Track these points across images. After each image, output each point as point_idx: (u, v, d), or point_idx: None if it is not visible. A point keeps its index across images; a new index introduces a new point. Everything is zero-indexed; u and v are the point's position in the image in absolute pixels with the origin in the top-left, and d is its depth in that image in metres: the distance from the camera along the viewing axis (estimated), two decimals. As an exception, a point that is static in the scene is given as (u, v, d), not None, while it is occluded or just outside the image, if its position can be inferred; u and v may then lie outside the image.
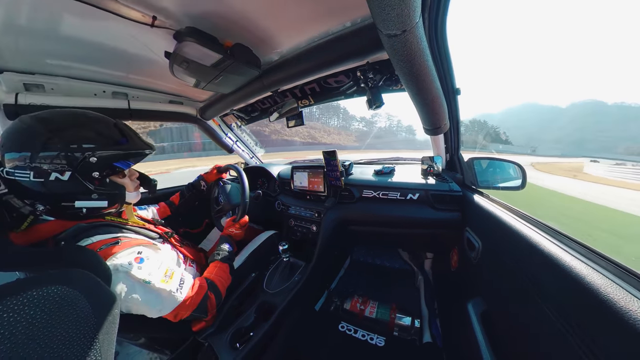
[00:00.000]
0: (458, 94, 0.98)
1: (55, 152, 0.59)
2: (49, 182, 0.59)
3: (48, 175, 0.59)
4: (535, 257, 0.55)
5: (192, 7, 0.71)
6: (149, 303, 0.65)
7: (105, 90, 1.17)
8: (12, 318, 0.35)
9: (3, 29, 0.72)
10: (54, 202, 0.63)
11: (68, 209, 0.65)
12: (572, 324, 0.42)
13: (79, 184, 0.63)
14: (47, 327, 0.38)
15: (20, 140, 0.59)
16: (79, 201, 0.65)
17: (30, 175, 0.57)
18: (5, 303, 0.36)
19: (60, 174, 0.60)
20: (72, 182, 0.62)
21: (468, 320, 0.73)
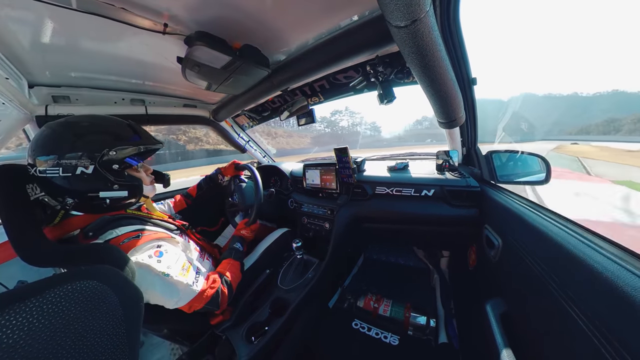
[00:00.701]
0: (474, 84, 0.92)
1: (79, 151, 0.66)
2: (76, 176, 0.66)
3: (75, 170, 0.66)
4: (563, 258, 0.51)
5: (200, 12, 0.73)
6: (167, 294, 0.70)
7: (124, 97, 1.24)
8: (50, 310, 0.39)
9: (31, 47, 0.79)
10: (81, 195, 0.70)
11: (94, 200, 0.72)
12: (603, 332, 0.38)
13: (102, 176, 0.70)
14: (81, 318, 0.41)
15: (49, 143, 0.66)
16: (103, 192, 0.72)
17: (60, 170, 0.65)
18: (45, 296, 0.40)
19: (85, 168, 0.67)
20: (96, 174, 0.69)
21: (487, 321, 0.70)
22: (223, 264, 0.97)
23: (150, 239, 0.73)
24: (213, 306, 0.80)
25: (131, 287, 0.54)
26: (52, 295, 0.41)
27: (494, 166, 1.04)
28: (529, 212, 0.72)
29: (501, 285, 0.77)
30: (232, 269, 0.94)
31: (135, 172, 0.84)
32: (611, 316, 0.38)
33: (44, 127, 0.68)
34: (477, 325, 0.84)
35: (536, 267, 0.59)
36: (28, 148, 0.68)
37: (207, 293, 0.77)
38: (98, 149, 0.69)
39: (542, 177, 0.88)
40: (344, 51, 0.89)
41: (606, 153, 34.04)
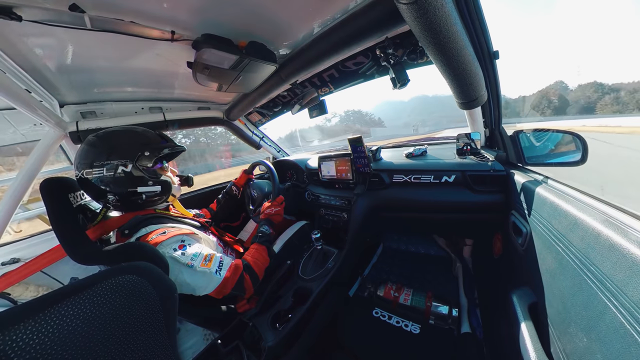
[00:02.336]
0: (496, 58, 0.84)
1: (119, 153, 0.79)
2: (117, 174, 0.78)
3: (117, 169, 0.78)
4: (601, 247, 0.47)
5: (204, 15, 0.74)
6: (194, 283, 0.77)
7: (143, 107, 1.34)
8: (99, 301, 0.45)
9: (58, 70, 0.88)
10: (121, 191, 0.80)
11: (132, 195, 0.83)
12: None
13: (139, 173, 0.82)
14: (126, 307, 0.47)
15: (93, 152, 0.78)
16: (140, 187, 0.83)
17: (104, 170, 0.77)
18: (94, 289, 0.45)
19: (125, 167, 0.79)
20: (134, 172, 0.81)
21: (513, 312, 0.67)
22: (250, 249, 1.02)
23: (175, 234, 0.81)
24: (239, 292, 0.86)
25: (166, 279, 0.59)
26: (100, 288, 0.46)
27: (521, 147, 0.95)
28: (561, 195, 0.66)
29: (529, 275, 0.73)
30: (256, 254, 0.99)
31: (164, 172, 0.95)
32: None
33: (88, 139, 0.80)
34: (502, 316, 0.81)
35: (569, 257, 0.54)
36: (74, 159, 0.79)
37: (231, 280, 0.83)
38: (135, 151, 0.81)
39: (577, 157, 0.78)
40: (351, 36, 0.85)
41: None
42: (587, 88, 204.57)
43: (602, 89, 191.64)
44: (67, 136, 1.11)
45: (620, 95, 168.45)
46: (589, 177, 0.80)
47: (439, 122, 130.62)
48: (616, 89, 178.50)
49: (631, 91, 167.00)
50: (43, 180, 0.75)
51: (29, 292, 1.17)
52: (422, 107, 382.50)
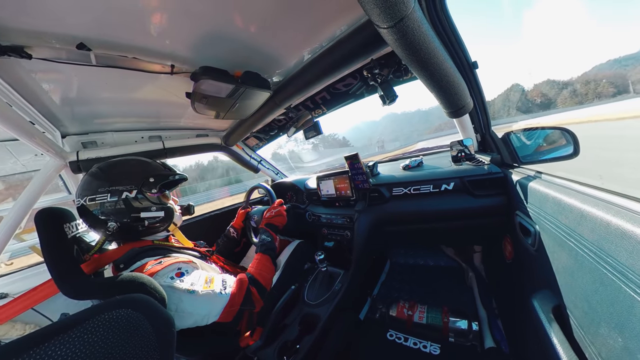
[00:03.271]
0: (476, 68, 0.90)
1: (125, 180, 0.80)
2: (121, 199, 0.79)
3: (121, 194, 0.79)
4: (614, 236, 0.45)
5: (201, 50, 0.80)
6: (197, 310, 0.71)
7: (143, 136, 1.37)
8: (90, 339, 0.41)
9: (62, 103, 0.91)
10: (124, 217, 0.80)
11: (135, 221, 0.82)
12: None
13: (143, 199, 0.83)
14: (119, 345, 0.43)
15: (95, 183, 0.78)
16: (144, 212, 0.83)
17: (108, 196, 0.77)
18: (85, 326, 0.42)
19: (129, 193, 0.80)
20: (137, 198, 0.82)
21: (536, 318, 0.63)
22: (253, 260, 0.98)
23: (171, 263, 0.77)
24: (249, 306, 0.81)
25: (163, 313, 0.55)
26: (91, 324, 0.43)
27: (514, 148, 0.97)
28: (562, 190, 0.66)
29: (546, 276, 0.69)
30: (260, 264, 0.94)
31: (167, 199, 0.94)
32: None
33: (92, 170, 0.82)
34: (526, 325, 0.76)
35: (584, 252, 0.53)
36: (77, 188, 0.80)
37: (238, 296, 0.79)
38: (139, 178, 0.83)
39: (569, 150, 0.81)
40: (339, 60, 0.92)
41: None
42: (543, 86, 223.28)
43: (557, 85, 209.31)
44: (67, 166, 1.12)
45: (577, 88, 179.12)
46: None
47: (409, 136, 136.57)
48: (570, 83, 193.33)
49: (585, 82, 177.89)
50: (39, 210, 0.73)
51: (15, 331, 1.08)
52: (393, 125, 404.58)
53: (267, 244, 1.03)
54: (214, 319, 0.73)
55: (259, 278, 0.89)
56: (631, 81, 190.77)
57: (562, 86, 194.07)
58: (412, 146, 40.22)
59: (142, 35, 0.67)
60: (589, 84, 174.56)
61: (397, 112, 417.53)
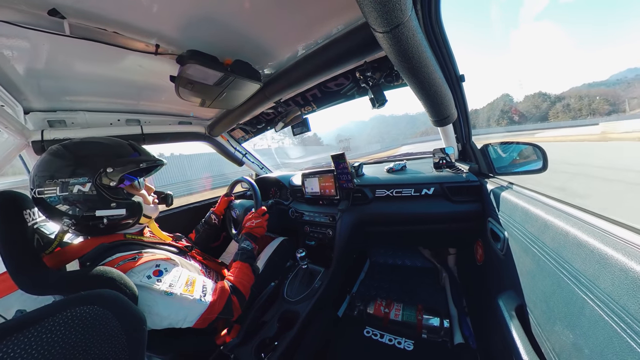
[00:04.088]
0: (462, 81, 0.95)
1: (77, 170, 0.67)
2: (73, 194, 0.66)
3: (72, 188, 0.66)
4: (570, 245, 0.50)
5: (190, 32, 0.75)
6: (172, 314, 0.67)
7: (119, 118, 1.25)
8: (49, 338, 0.38)
9: (27, 74, 0.80)
10: (77, 215, 0.68)
11: (90, 220, 0.70)
12: (621, 316, 0.37)
13: (99, 194, 0.69)
14: (82, 345, 0.40)
15: (49, 166, 0.66)
16: (100, 210, 0.70)
17: (57, 190, 0.65)
18: (43, 324, 0.38)
19: (82, 186, 0.67)
20: (92, 192, 0.68)
21: (501, 316, 0.68)
22: (232, 268, 0.94)
23: (148, 260, 0.71)
24: (227, 315, 0.78)
25: (133, 310, 0.52)
26: (52, 322, 0.39)
27: (491, 159, 1.05)
28: (530, 201, 0.71)
29: (512, 279, 0.76)
30: (240, 273, 0.91)
31: (135, 190, 0.82)
32: (629, 299, 0.37)
33: (47, 151, 0.69)
34: (492, 322, 0.82)
35: (545, 257, 0.58)
36: (31, 173, 0.68)
37: (218, 304, 0.75)
38: (95, 167, 0.69)
39: (539, 165, 0.89)
40: (333, 59, 0.92)
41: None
42: (534, 98, 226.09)
43: (548, 98, 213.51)
44: (29, 146, 0.99)
45: (570, 102, 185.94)
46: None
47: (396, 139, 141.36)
48: (562, 97, 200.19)
49: (578, 98, 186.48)
50: None
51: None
52: (381, 126, 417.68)
53: (248, 252, 1.01)
54: (189, 325, 0.70)
55: (240, 287, 0.86)
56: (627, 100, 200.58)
57: (555, 99, 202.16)
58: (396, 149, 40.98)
59: (126, 8, 0.61)
60: (583, 100, 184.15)
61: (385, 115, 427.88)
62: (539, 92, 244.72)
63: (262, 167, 2.20)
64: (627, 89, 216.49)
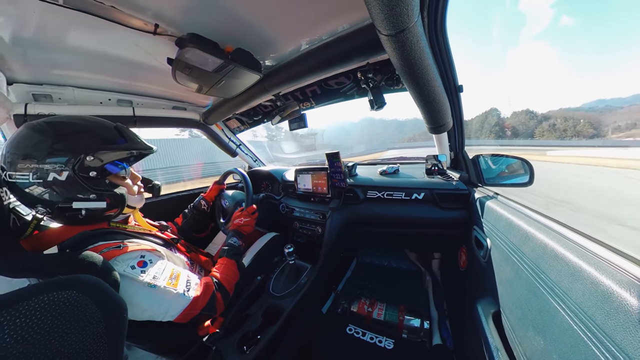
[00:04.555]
0: (461, 92, 0.97)
1: (55, 157, 0.60)
2: (47, 182, 0.60)
3: (47, 176, 0.59)
4: (548, 256, 0.53)
5: (193, 14, 0.72)
6: (155, 307, 0.65)
7: (110, 98, 1.19)
8: (24, 323, 0.36)
9: (12, 42, 0.74)
10: (52, 204, 0.62)
11: (67, 211, 0.64)
12: (589, 326, 0.40)
13: (77, 184, 0.63)
14: (58, 332, 0.39)
15: (22, 146, 0.60)
16: (77, 202, 0.64)
17: (30, 176, 0.59)
18: (18, 308, 0.37)
19: (58, 174, 0.60)
20: (70, 182, 0.62)
21: (478, 321, 0.71)
22: (218, 264, 0.92)
23: (134, 250, 0.68)
24: (210, 311, 0.76)
25: (114, 297, 0.51)
26: (26, 307, 0.38)
27: (481, 169, 1.08)
28: (515, 212, 0.74)
29: (491, 285, 0.79)
30: (226, 269, 0.90)
31: (119, 179, 0.75)
32: (596, 310, 0.40)
33: (21, 128, 0.62)
34: (469, 326, 0.85)
35: (524, 267, 0.61)
36: (3, 149, 0.62)
37: (201, 300, 0.73)
38: (74, 153, 0.62)
39: (525, 179, 0.92)
40: (336, 57, 0.91)
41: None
42: (521, 115, 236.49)
43: (535, 117, 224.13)
44: (10, 119, 0.93)
45: (556, 122, 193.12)
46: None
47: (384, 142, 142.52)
48: (547, 117, 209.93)
49: (564, 119, 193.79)
50: None
51: None
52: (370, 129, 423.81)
53: (235, 249, 0.99)
54: (170, 319, 0.68)
55: (225, 284, 0.84)
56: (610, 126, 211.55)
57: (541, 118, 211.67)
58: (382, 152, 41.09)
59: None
60: (568, 121, 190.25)
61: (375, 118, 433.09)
62: (527, 109, 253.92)
63: (256, 159, 2.17)
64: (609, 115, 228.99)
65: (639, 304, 0.33)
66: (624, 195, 11.14)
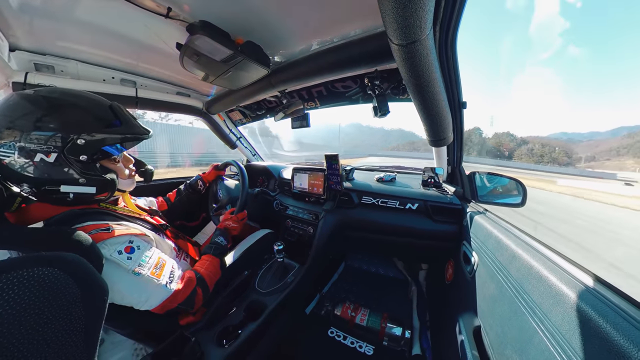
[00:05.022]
0: (464, 108, 0.98)
1: (42, 131, 0.56)
2: (33, 163, 0.56)
3: (33, 156, 0.56)
4: (532, 278, 0.54)
5: (207, 2, 0.72)
6: (136, 294, 0.64)
7: (114, 76, 1.18)
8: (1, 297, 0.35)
9: (19, 7, 0.73)
10: (38, 185, 0.59)
11: (53, 194, 0.61)
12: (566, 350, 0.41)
13: (66, 167, 0.60)
14: (34, 308, 0.38)
15: (10, 116, 0.56)
16: (65, 185, 0.61)
17: (15, 154, 0.55)
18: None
19: (46, 155, 0.57)
20: (58, 164, 0.59)
21: (459, 334, 0.72)
22: (202, 260, 0.92)
23: (122, 233, 0.67)
24: (187, 306, 0.76)
25: (96, 279, 0.50)
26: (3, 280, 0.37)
27: (476, 186, 1.09)
28: (504, 231, 0.76)
29: (474, 301, 0.80)
30: (210, 266, 0.89)
31: (111, 163, 0.73)
32: (573, 334, 0.41)
33: (11, 95, 0.59)
34: (450, 338, 0.86)
35: (508, 286, 0.62)
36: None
37: (181, 294, 0.72)
38: (64, 131, 0.58)
39: (518, 200, 0.94)
40: (345, 61, 0.92)
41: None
42: (502, 136, 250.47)
43: (515, 139, 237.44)
44: (8, 86, 0.91)
45: (535, 147, 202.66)
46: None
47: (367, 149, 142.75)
48: (526, 141, 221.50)
49: (542, 145, 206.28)
50: None
51: None
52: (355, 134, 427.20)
53: (221, 248, 0.99)
54: (148, 308, 0.67)
55: (207, 280, 0.84)
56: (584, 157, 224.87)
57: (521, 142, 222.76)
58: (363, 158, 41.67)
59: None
60: (545, 147, 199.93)
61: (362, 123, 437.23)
62: (507, 132, 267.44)
63: (255, 154, 2.17)
64: (573, 146, 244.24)
65: (616, 334, 0.34)
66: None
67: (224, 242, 1.02)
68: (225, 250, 1.01)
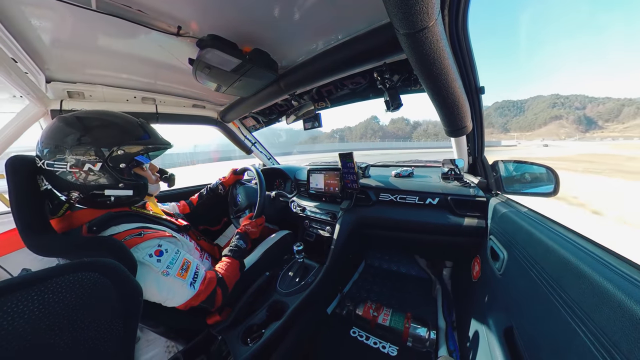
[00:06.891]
0: (482, 93, 0.92)
1: (88, 146, 0.67)
2: (83, 172, 0.68)
3: (82, 166, 0.67)
4: (570, 274, 0.49)
5: (213, 16, 0.75)
6: (164, 293, 0.71)
7: (135, 96, 1.29)
8: (51, 299, 0.40)
9: (51, 44, 0.82)
10: (86, 191, 0.71)
11: (98, 197, 0.73)
12: (612, 353, 0.37)
13: (108, 174, 0.72)
14: (80, 308, 0.42)
15: (58, 137, 0.67)
16: (109, 190, 0.73)
17: (67, 166, 0.66)
18: (47, 285, 0.40)
19: (93, 165, 0.68)
20: (103, 172, 0.71)
21: (488, 335, 0.67)
22: (222, 261, 0.97)
23: (152, 237, 0.75)
24: (208, 305, 0.82)
25: (131, 282, 0.54)
26: (54, 284, 0.41)
27: (501, 176, 1.02)
28: (536, 224, 0.70)
29: (505, 300, 0.74)
30: (230, 268, 0.94)
31: (141, 170, 0.85)
32: (621, 337, 0.36)
33: (56, 120, 0.69)
34: (479, 340, 0.81)
35: (542, 283, 0.57)
36: (38, 140, 0.69)
37: (203, 293, 0.78)
38: (107, 146, 0.70)
39: (550, 188, 0.86)
40: (352, 58, 0.90)
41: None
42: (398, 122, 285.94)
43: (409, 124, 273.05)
44: (47, 114, 1.03)
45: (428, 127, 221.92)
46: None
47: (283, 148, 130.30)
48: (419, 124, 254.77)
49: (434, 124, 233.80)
50: (12, 156, 0.67)
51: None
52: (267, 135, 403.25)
53: (242, 250, 1.04)
54: (172, 305, 0.74)
55: (227, 282, 0.89)
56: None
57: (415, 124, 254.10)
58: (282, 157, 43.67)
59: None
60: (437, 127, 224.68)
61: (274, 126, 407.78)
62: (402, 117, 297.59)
63: (270, 157, 2.21)
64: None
65: None
66: None
67: (243, 245, 1.06)
68: (244, 253, 1.06)
